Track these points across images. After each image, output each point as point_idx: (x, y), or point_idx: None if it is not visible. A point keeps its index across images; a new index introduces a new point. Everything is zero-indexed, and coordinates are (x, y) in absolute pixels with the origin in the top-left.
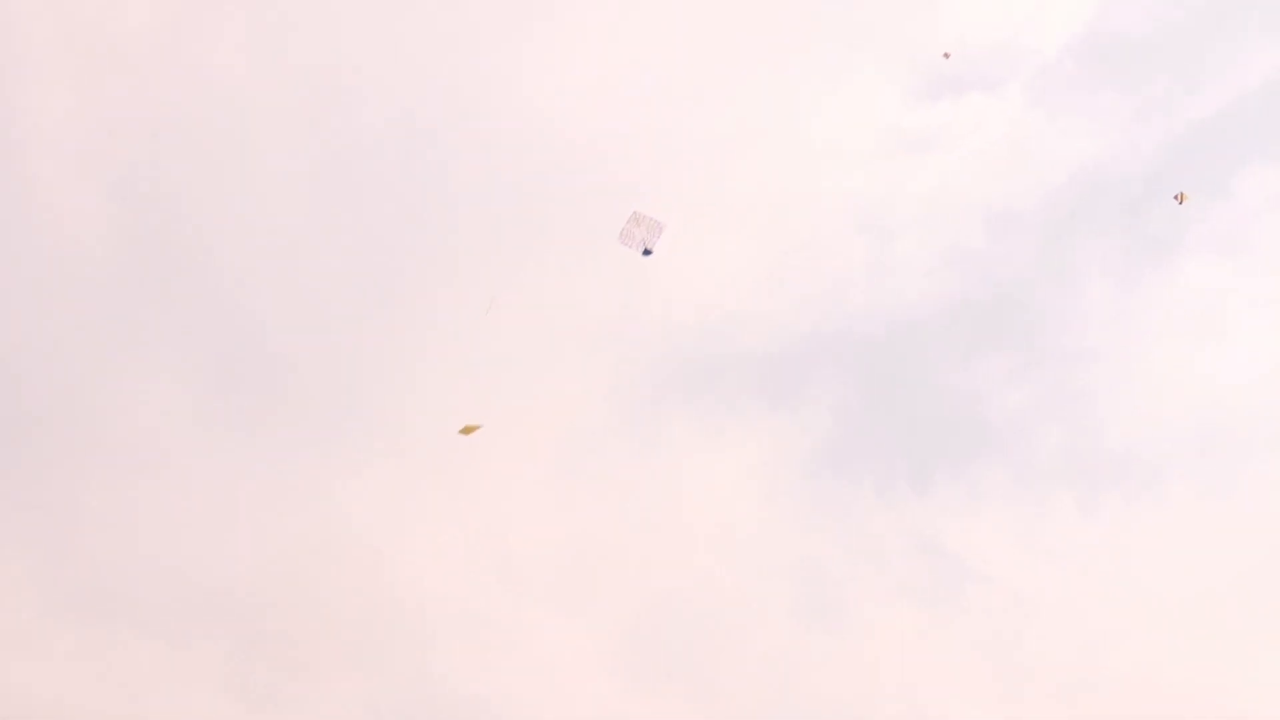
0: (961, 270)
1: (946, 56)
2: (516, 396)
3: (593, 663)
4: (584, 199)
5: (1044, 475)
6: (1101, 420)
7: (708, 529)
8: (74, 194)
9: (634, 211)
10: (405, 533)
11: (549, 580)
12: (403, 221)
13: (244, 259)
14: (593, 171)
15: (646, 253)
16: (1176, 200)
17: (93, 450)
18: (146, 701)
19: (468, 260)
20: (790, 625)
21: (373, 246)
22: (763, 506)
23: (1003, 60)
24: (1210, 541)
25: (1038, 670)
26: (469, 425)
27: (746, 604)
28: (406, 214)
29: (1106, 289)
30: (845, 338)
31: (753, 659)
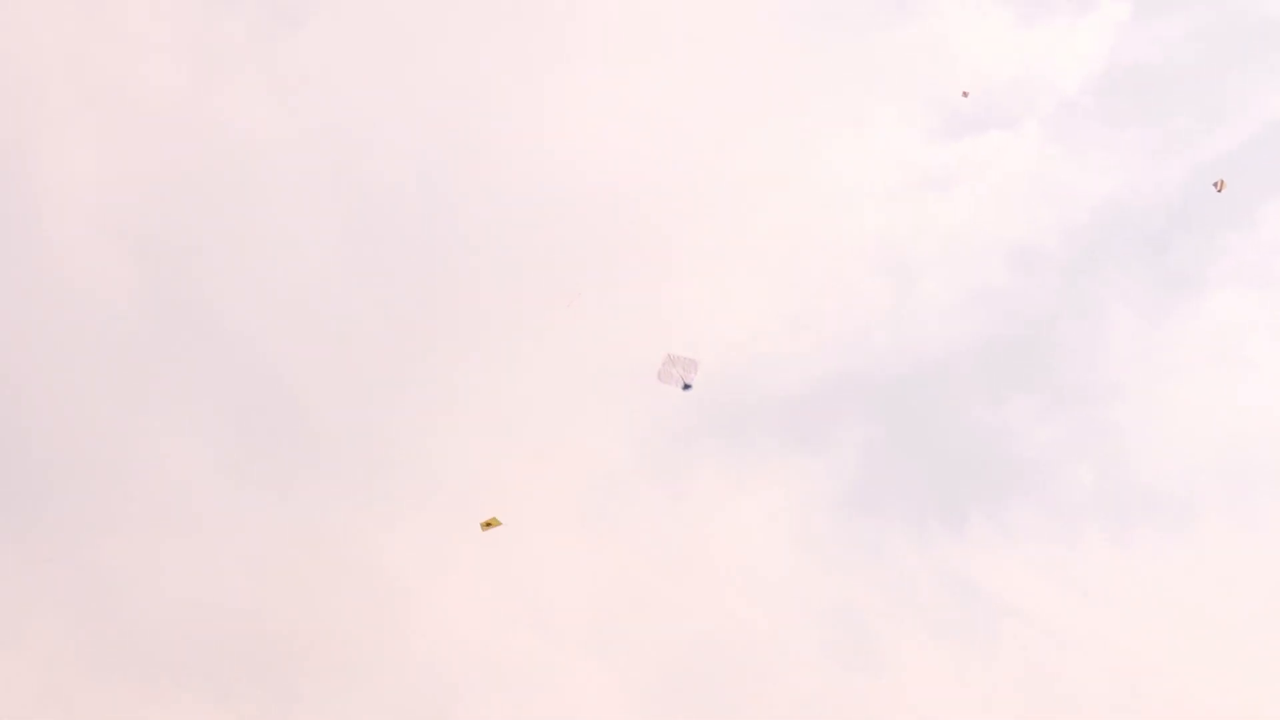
0: (986, 308)
1: (965, 95)
2: (544, 443)
3: (624, 708)
4: (607, 245)
5: (1076, 511)
6: (1131, 454)
7: (738, 572)
8: (97, 251)
9: (667, 354)
10: (436, 582)
11: (579, 626)
12: (426, 273)
13: (268, 314)
14: (616, 218)
15: (686, 387)
16: (1215, 188)
17: (123, 508)
18: None
19: (493, 310)
20: (824, 667)
21: (397, 299)
22: (793, 548)
23: (1022, 97)
24: (1244, 573)
25: (1074, 706)
26: (490, 520)
27: (779, 647)
28: (430, 265)
29: (1132, 324)
30: (872, 378)
31: (786, 702)
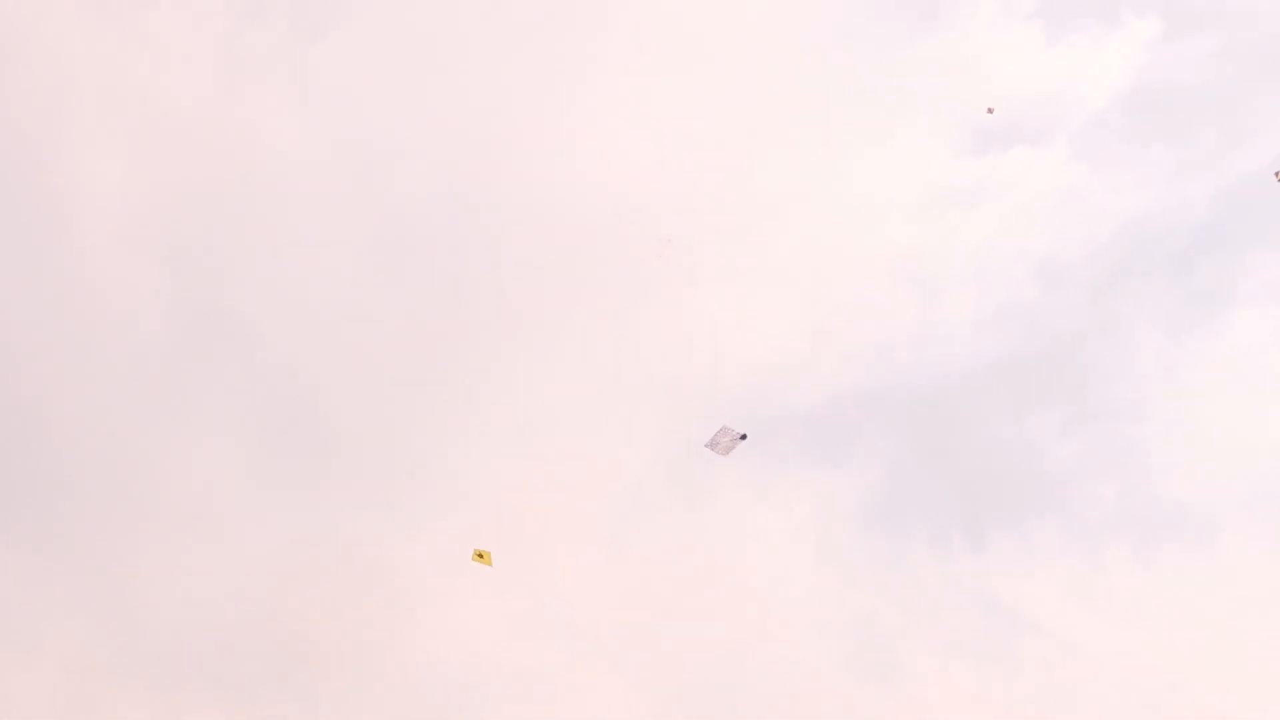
0: (1011, 324)
1: (990, 111)
2: (566, 453)
3: (645, 718)
4: (630, 257)
5: (1099, 528)
6: (1156, 472)
7: (760, 585)
8: (125, 261)
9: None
10: (458, 592)
11: (602, 637)
12: (451, 281)
13: (295, 324)
14: (639, 229)
15: (743, 437)
16: (1277, 178)
17: (145, 511)
18: None
19: (515, 321)
20: (844, 681)
21: (422, 307)
22: (814, 563)
23: (1048, 114)
24: (1269, 592)
25: None
26: (481, 552)
27: (800, 660)
28: (455, 274)
29: (1158, 341)
30: (895, 393)
31: (806, 715)
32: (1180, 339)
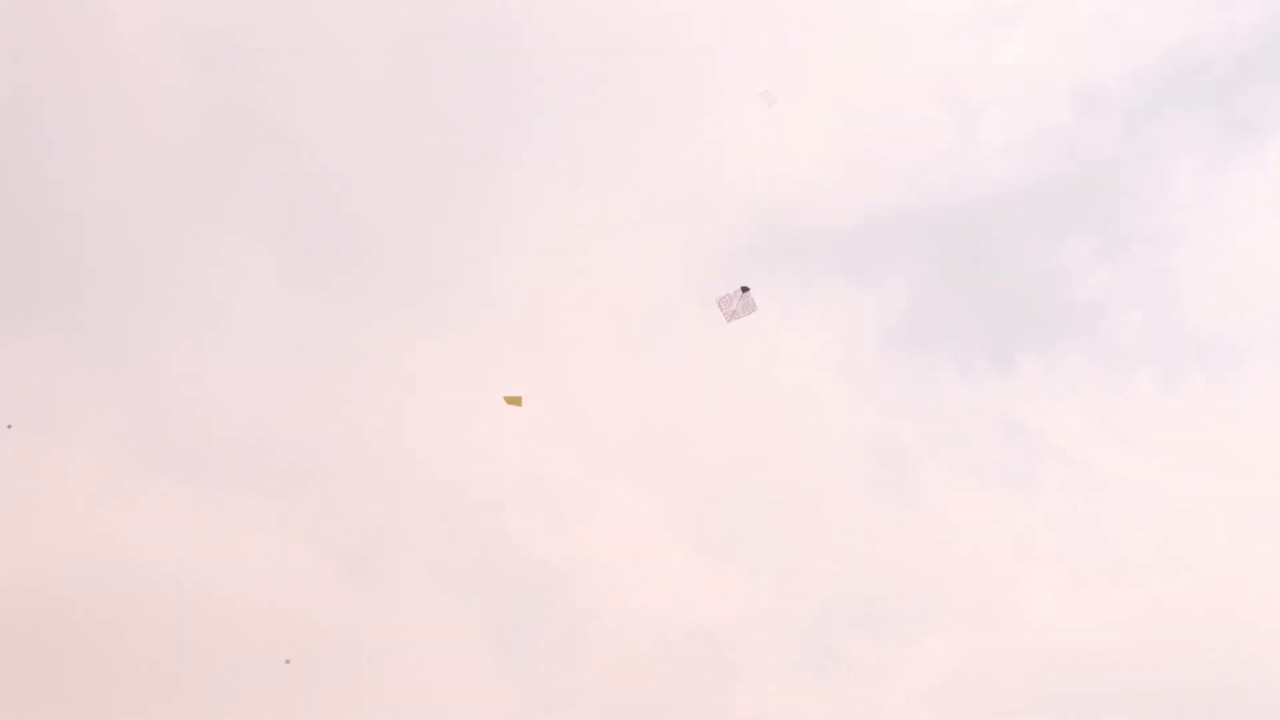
0: (1046, 148)
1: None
2: (595, 268)
3: (665, 530)
4: (664, 75)
5: (1126, 356)
6: (1185, 301)
7: (783, 402)
8: (154, 51)
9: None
10: (480, 399)
11: (624, 448)
12: (484, 87)
13: (324, 119)
14: (674, 48)
15: (745, 289)
16: None
17: (174, 307)
18: (244, 556)
19: (547, 130)
20: (864, 499)
21: (455, 112)
22: (839, 381)
23: None
24: None
25: (1113, 551)
26: (512, 397)
27: (821, 477)
28: (488, 81)
29: (1194, 169)
30: (927, 214)
31: (825, 532)
32: (1220, 167)
